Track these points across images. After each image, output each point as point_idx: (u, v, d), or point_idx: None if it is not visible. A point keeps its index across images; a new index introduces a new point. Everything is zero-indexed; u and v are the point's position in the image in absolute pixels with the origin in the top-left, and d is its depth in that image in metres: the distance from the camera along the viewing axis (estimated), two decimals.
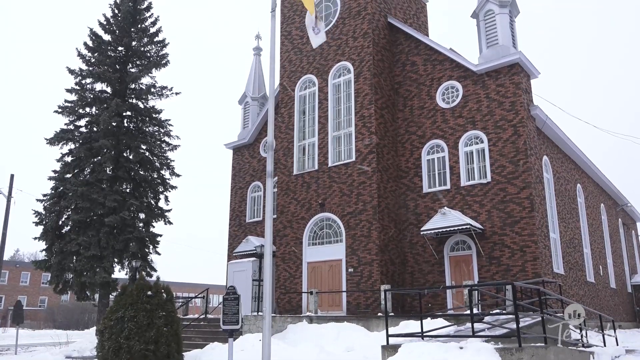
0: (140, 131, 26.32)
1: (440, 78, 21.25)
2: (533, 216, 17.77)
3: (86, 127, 25.60)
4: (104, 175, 23.94)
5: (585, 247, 24.16)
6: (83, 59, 26.02)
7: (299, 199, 22.22)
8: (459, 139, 20.14)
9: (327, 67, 22.80)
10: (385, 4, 23.23)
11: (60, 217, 24.24)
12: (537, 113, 19.30)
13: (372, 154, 20.37)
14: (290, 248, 21.88)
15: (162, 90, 26.96)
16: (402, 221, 21.04)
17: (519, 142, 18.52)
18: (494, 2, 20.27)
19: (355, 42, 21.99)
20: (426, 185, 20.75)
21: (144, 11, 27.61)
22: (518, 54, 18.98)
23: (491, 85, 19.67)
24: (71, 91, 25.47)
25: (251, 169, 27.25)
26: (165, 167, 26.54)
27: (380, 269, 19.17)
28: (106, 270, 23.03)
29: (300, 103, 23.65)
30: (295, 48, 24.16)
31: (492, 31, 20.28)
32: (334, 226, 21.01)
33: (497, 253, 18.29)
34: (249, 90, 28.46)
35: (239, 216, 27.05)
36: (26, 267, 62.67)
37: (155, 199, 26.34)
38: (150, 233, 25.06)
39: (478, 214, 19.00)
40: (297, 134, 23.28)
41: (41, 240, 24.07)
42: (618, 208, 32.64)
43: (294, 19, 24.54)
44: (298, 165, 22.94)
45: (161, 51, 27.48)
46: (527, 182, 18.12)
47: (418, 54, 22.20)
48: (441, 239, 19.75)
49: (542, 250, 17.77)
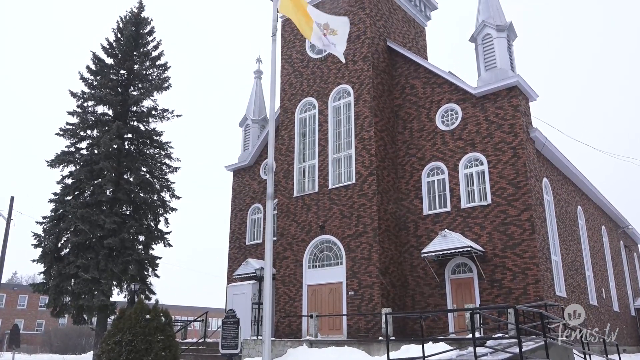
0: (141, 153, 26.41)
1: (439, 101, 21.42)
2: (534, 238, 17.71)
3: (87, 149, 25.68)
4: (104, 197, 23.93)
5: (587, 269, 23.99)
6: (85, 82, 26.27)
7: (299, 221, 22.17)
8: (459, 161, 20.19)
9: (327, 90, 23.00)
10: (385, 29, 23.55)
11: (59, 240, 24.15)
12: (536, 135, 19.39)
13: (372, 176, 20.40)
14: (290, 270, 21.73)
15: (163, 113, 27.16)
16: (403, 243, 20.96)
17: (519, 164, 18.57)
18: (492, 27, 20.56)
19: (355, 66, 22.22)
20: (426, 207, 20.73)
21: (147, 35, 27.98)
22: (516, 77, 19.16)
23: (490, 108, 19.81)
24: (73, 114, 25.64)
25: (251, 191, 27.25)
26: (165, 189, 26.55)
27: (381, 291, 19.01)
28: (104, 293, 22.85)
29: (301, 125, 23.79)
30: (296, 71, 24.41)
31: (490, 55, 20.52)
32: (334, 248, 20.92)
33: (498, 275, 18.17)
34: (249, 113, 28.66)
35: (238, 238, 26.95)
36: (24, 290, 62.18)
37: (155, 221, 26.29)
38: (149, 255, 24.94)
39: (479, 236, 18.94)
40: (297, 156, 23.35)
41: (39, 263, 23.95)
42: (619, 230, 32.53)
43: (295, 42, 24.85)
44: (298, 187, 22.95)
45: (163, 74, 27.76)
46: (527, 204, 18.10)
47: (417, 77, 22.42)
48: (442, 261, 19.64)
49: (543, 272, 17.66)
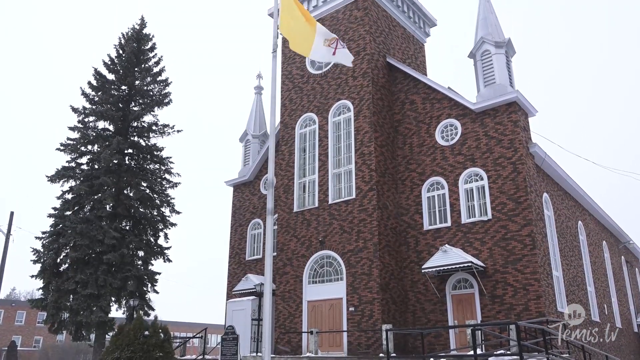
0: (141, 168, 26.46)
1: (439, 116, 21.50)
2: (535, 254, 17.64)
3: (87, 164, 25.75)
4: (103, 212, 23.92)
5: (589, 285, 23.85)
6: (87, 98, 26.44)
7: (299, 236, 22.11)
8: (459, 176, 20.20)
9: (327, 105, 23.11)
10: (384, 45, 23.75)
11: (58, 255, 24.09)
12: (535, 150, 19.43)
13: (372, 191, 20.40)
14: (290, 286, 21.60)
15: (163, 128, 27.29)
16: (403, 259, 20.87)
17: (519, 180, 18.58)
18: (490, 43, 20.73)
19: (355, 81, 22.36)
20: (427, 222, 20.68)
21: (148, 51, 28.23)
22: (515, 93, 19.26)
23: (490, 123, 19.89)
24: (74, 129, 25.75)
25: (251, 206, 27.22)
26: (165, 205, 26.56)
27: (382, 307, 18.88)
28: (103, 309, 22.72)
29: (301, 141, 23.86)
30: (296, 87, 24.56)
31: (489, 71, 20.66)
32: (335, 264, 20.83)
33: (499, 291, 18.05)
34: (249, 128, 28.76)
35: (238, 254, 26.85)
36: (22, 306, 61.78)
37: (154, 236, 26.25)
38: (149, 271, 24.85)
39: (479, 251, 18.87)
40: (297, 171, 23.37)
41: (38, 279, 23.87)
42: (620, 245, 32.41)
43: (295, 58, 25.04)
44: (298, 202, 22.93)
45: (164, 90, 27.96)
46: (528, 219, 18.07)
47: (417, 92, 22.54)
48: (443, 277, 19.54)
49: (545, 288, 17.55)
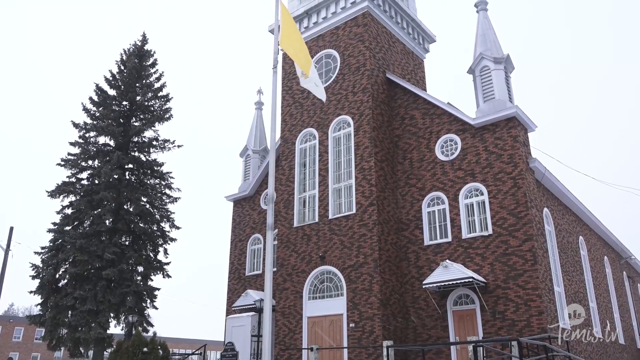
0: (142, 183, 26.46)
1: (439, 131, 21.56)
2: (536, 269, 17.54)
3: (88, 179, 25.75)
4: (103, 227, 23.86)
5: (591, 301, 23.68)
6: (88, 113, 26.53)
7: (299, 251, 22.02)
8: (459, 191, 20.19)
9: (327, 120, 23.19)
10: (384, 61, 23.91)
11: (57, 270, 23.98)
12: (535, 165, 19.44)
13: (372, 206, 20.36)
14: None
15: (164, 143, 27.34)
16: (404, 274, 20.75)
17: (519, 195, 18.55)
18: (489, 59, 20.86)
19: (355, 97, 22.47)
20: (427, 237, 20.61)
21: (149, 67, 28.41)
22: (514, 108, 19.33)
23: (489, 139, 19.93)
24: (75, 144, 25.81)
25: (251, 222, 27.15)
26: (165, 220, 26.49)
27: (382, 324, 18.72)
28: (101, 326, 22.53)
29: (301, 156, 23.89)
30: (296, 102, 24.67)
31: (488, 86, 20.76)
32: (335, 279, 20.71)
33: (501, 307, 17.92)
34: (250, 143, 28.82)
35: (238, 269, 26.71)
36: (20, 322, 61.28)
37: (154, 251, 26.15)
38: (148, 287, 24.70)
39: (480, 267, 18.77)
40: (297, 186, 23.36)
41: (37, 294, 23.72)
42: (622, 261, 32.24)
43: (295, 74, 25.18)
44: (298, 217, 22.88)
45: (165, 105, 28.07)
46: (528, 234, 18.01)
47: (417, 108, 22.63)
48: (444, 292, 19.41)
49: (547, 304, 17.43)
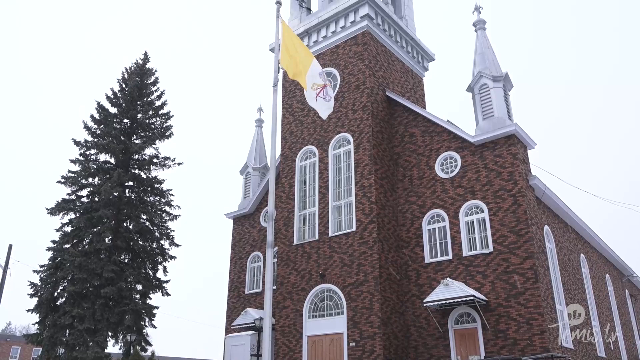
0: (142, 201, 26.43)
1: (438, 149, 21.62)
2: (538, 287, 17.42)
3: (88, 197, 25.73)
4: (102, 245, 23.77)
5: (594, 319, 23.48)
6: (89, 131, 26.62)
7: (299, 269, 21.90)
8: (459, 208, 20.16)
9: (327, 138, 23.26)
10: (384, 79, 24.08)
11: (55, 289, 23.82)
12: (535, 183, 19.44)
13: (372, 223, 20.31)
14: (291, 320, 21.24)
15: (164, 161, 27.40)
16: (404, 292, 20.61)
17: (519, 212, 18.52)
18: (488, 77, 21.02)
19: (355, 115, 22.57)
20: (428, 255, 20.52)
21: (151, 85, 28.61)
22: (514, 126, 19.41)
23: (489, 156, 19.97)
24: (75, 162, 25.84)
25: (251, 239, 27.06)
26: (165, 237, 26.41)
27: (383, 343, 18.53)
28: (99, 345, 22.30)
29: (301, 173, 23.91)
30: (297, 120, 24.77)
31: (487, 104, 20.87)
32: (335, 297, 20.56)
33: (502, 326, 17.75)
34: (250, 161, 28.87)
35: (238, 287, 26.54)
36: (17, 341, 60.67)
37: (153, 269, 26.01)
38: (147, 305, 24.51)
39: (481, 285, 18.64)
40: (297, 204, 23.33)
41: (35, 313, 23.53)
42: (624, 279, 32.05)
43: (295, 92, 25.35)
44: (298, 235, 22.81)
45: (165, 123, 28.19)
46: (529, 252, 17.93)
47: (416, 125, 22.72)
48: (445, 311, 19.25)
49: (549, 323, 17.27)
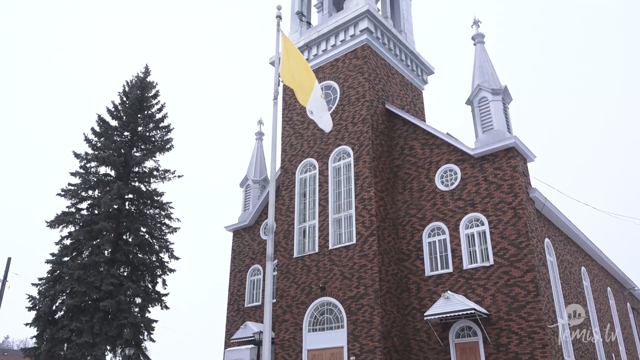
0: (141, 214, 26.39)
1: (438, 161, 21.63)
2: (539, 300, 17.32)
3: (87, 209, 25.70)
4: (101, 258, 23.69)
5: (596, 333, 23.30)
6: (89, 144, 26.68)
7: (299, 282, 21.79)
8: (460, 221, 20.12)
9: (327, 150, 23.30)
10: (383, 92, 24.19)
11: (54, 302, 23.68)
12: (535, 195, 19.43)
13: (372, 236, 20.26)
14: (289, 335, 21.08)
15: (164, 174, 27.42)
16: (405, 306, 20.49)
17: (520, 225, 18.48)
18: (487, 90, 21.11)
19: (355, 127, 22.63)
20: (428, 268, 20.44)
21: (151, 98, 28.74)
22: (513, 139, 19.44)
23: (489, 169, 19.98)
24: (75, 174, 25.85)
25: (251, 252, 26.97)
26: (164, 250, 26.32)
27: (384, 357, 18.37)
28: (97, 359, 22.12)
29: (301, 186, 23.90)
30: (297, 133, 24.83)
31: (486, 117, 20.93)
32: (335, 311, 20.43)
33: (504, 340, 17.62)
34: (250, 173, 28.89)
35: (237, 300, 26.39)
36: (15, 354, 60.15)
37: (152, 282, 25.88)
38: (145, 319, 24.35)
39: (482, 298, 18.54)
40: (297, 217, 23.29)
41: (32, 326, 23.35)
42: (625, 292, 31.89)
43: (295, 105, 25.45)
44: (298, 247, 22.74)
45: (166, 136, 28.27)
46: (530, 265, 17.85)
47: (416, 138, 22.77)
48: (446, 324, 19.12)
49: (550, 336, 17.14)
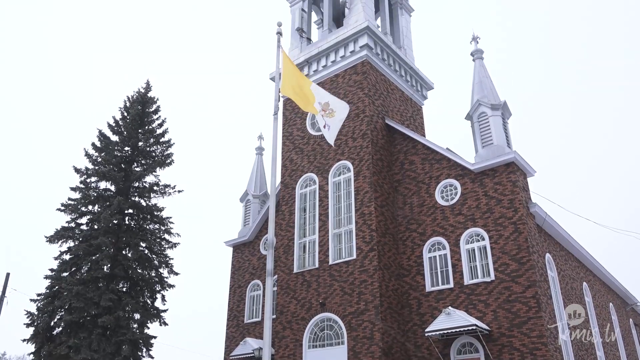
0: (141, 229, 26.33)
1: (438, 176, 21.65)
2: (540, 316, 17.20)
3: (87, 224, 25.66)
4: (100, 273, 23.57)
5: (598, 349, 23.09)
6: (90, 159, 26.72)
7: (299, 298, 21.66)
8: (460, 236, 20.06)
9: (327, 165, 23.33)
10: (383, 107, 24.30)
11: (52, 318, 23.49)
12: (536, 210, 19.40)
13: (373, 251, 20.19)
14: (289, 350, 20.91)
15: (165, 189, 27.41)
16: (406, 322, 20.34)
17: (520, 240, 18.43)
18: (486, 106, 21.20)
19: (355, 142, 22.69)
20: (429, 283, 20.33)
21: (152, 114, 28.86)
22: (513, 154, 19.48)
23: (489, 184, 19.98)
24: (75, 189, 25.85)
25: (251, 267, 26.86)
26: (164, 265, 26.21)
27: None
28: None
29: (301, 201, 23.89)
30: (297, 148, 24.89)
31: (486, 132, 21.00)
32: (335, 327, 20.27)
33: (506, 356, 17.45)
34: (250, 188, 28.89)
35: (237, 316, 26.20)
36: None
37: (151, 298, 25.72)
38: (144, 335, 24.15)
39: (484, 314, 18.41)
40: (297, 232, 23.24)
41: (30, 343, 23.15)
42: (628, 307, 31.67)
43: (295, 120, 25.55)
44: (298, 263, 22.64)
45: (166, 151, 28.32)
46: (531, 280, 17.76)
47: (416, 153, 22.82)
48: (447, 340, 18.95)
49: (552, 353, 16.98)
